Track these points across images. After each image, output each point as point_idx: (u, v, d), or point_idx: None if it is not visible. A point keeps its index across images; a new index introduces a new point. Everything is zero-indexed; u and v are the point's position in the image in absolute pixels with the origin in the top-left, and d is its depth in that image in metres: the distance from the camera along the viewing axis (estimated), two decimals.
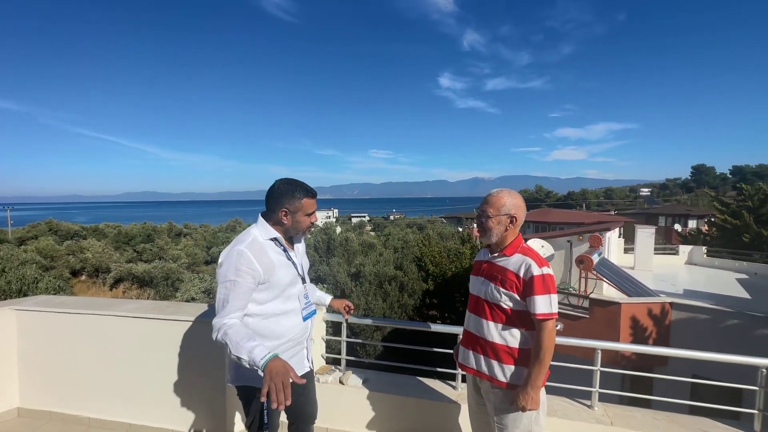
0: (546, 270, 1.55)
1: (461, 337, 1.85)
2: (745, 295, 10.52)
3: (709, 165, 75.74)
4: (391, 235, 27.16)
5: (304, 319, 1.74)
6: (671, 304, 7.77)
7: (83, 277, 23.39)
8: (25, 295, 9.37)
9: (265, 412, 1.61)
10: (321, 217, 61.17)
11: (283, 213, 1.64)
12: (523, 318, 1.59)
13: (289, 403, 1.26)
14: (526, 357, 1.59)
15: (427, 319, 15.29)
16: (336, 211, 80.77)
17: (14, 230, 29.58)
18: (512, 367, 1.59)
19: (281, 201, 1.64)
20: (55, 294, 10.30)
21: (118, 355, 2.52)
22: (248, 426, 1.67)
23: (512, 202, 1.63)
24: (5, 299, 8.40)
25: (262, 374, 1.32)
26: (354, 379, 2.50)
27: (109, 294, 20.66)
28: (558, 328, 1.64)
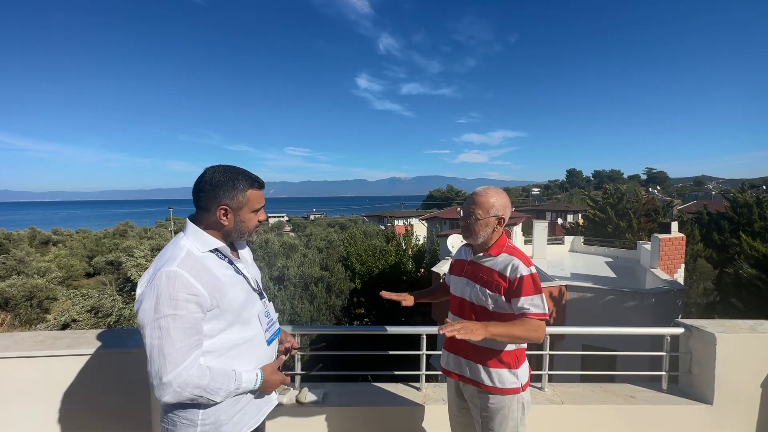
0: (533, 269, 1.53)
1: (444, 340, 1.79)
2: (612, 274, 13.03)
3: (578, 169, 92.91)
4: (313, 235, 26.39)
5: (269, 342, 1.42)
6: (566, 286, 9.12)
7: None
8: None
9: None
10: None
11: (222, 211, 1.26)
12: (509, 320, 1.51)
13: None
14: (513, 359, 1.58)
15: (355, 318, 15.25)
16: None
17: None
18: (499, 371, 1.56)
19: (218, 195, 1.25)
20: None
21: None
22: None
23: (500, 203, 1.58)
24: None
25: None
26: (311, 396, 2.26)
27: None
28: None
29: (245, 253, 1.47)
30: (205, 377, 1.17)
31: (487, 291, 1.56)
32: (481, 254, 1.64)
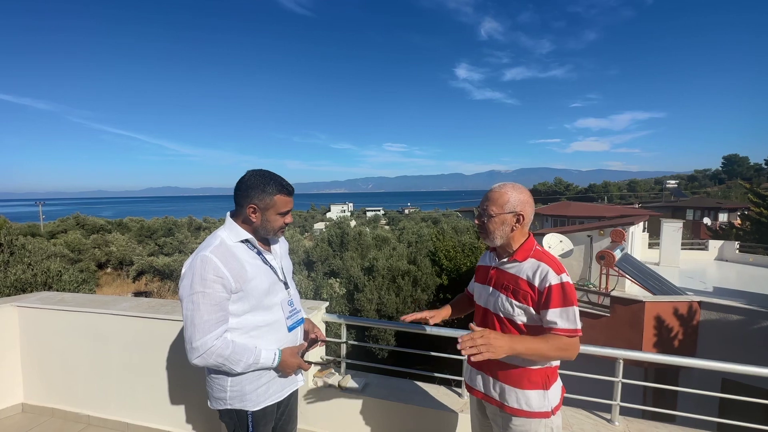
0: (565, 278, 1.34)
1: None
2: None
3: (743, 155, 71.56)
4: (405, 229, 26.99)
5: (290, 329, 1.57)
6: (700, 303, 7.33)
7: (109, 270, 24.34)
8: (50, 287, 9.72)
9: None
10: (336, 211, 61.51)
11: (251, 209, 1.44)
12: (539, 334, 1.36)
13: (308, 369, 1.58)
14: (543, 379, 1.40)
15: None
16: (351, 205, 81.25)
17: (46, 224, 31.04)
18: (526, 392, 1.39)
19: (250, 195, 1.44)
20: (77, 286, 10.65)
21: (115, 354, 2.49)
22: None
23: (517, 198, 1.40)
24: (31, 291, 8.71)
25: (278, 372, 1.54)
26: (353, 383, 2.37)
27: (132, 286, 21.39)
28: None
29: (277, 247, 1.64)
30: (227, 349, 1.37)
31: (514, 302, 1.39)
32: (505, 259, 1.46)
